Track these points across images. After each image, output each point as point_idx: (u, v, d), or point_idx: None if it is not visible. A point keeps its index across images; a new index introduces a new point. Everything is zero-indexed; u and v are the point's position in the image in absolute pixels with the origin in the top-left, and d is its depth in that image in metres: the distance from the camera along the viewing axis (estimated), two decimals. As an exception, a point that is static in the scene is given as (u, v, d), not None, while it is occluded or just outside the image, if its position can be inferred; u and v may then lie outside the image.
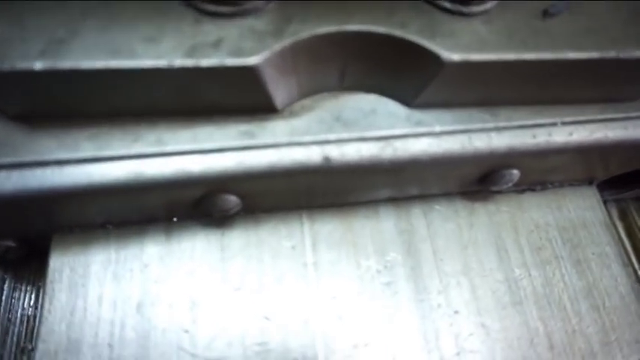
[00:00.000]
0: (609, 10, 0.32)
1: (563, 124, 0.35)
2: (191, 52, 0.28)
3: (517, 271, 0.40)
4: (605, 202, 0.49)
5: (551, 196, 0.43)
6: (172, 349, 0.35)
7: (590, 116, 0.36)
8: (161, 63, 0.28)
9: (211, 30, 0.29)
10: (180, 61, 0.28)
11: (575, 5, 0.32)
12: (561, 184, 0.43)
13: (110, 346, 0.34)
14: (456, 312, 0.38)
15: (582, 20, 0.32)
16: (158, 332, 0.35)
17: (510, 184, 0.39)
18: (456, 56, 0.30)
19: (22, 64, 0.27)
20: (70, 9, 0.29)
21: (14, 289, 0.41)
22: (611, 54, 0.31)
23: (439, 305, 0.38)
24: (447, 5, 0.31)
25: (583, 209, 0.43)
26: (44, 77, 0.28)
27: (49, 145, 0.31)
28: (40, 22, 0.28)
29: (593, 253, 0.41)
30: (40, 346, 0.33)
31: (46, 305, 0.35)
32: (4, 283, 0.41)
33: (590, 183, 0.44)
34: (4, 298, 0.41)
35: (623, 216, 0.49)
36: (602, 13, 0.32)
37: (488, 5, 0.32)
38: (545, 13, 0.32)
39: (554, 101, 0.36)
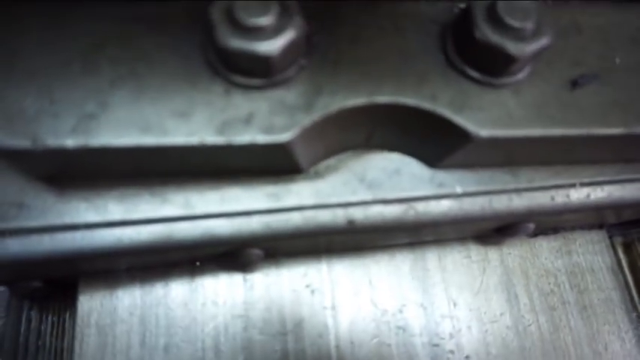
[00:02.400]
0: (638, 83, 0.32)
1: (582, 184, 0.35)
2: (222, 129, 0.28)
3: (526, 317, 0.40)
4: (611, 237, 0.50)
5: (562, 240, 0.43)
6: (198, 393, 0.36)
7: (608, 177, 0.36)
8: (193, 140, 0.28)
9: (242, 103, 0.28)
10: (212, 139, 0.28)
11: (604, 76, 0.32)
12: (573, 228, 0.44)
13: (139, 389, 0.35)
14: (467, 357, 0.39)
15: (610, 93, 0.31)
16: (184, 375, 0.36)
17: (525, 235, 0.39)
18: (484, 132, 0.30)
19: (54, 142, 0.26)
20: (98, 79, 0.28)
21: (41, 322, 0.42)
22: (636, 130, 0.31)
23: (451, 351, 0.39)
24: (477, 76, 0.30)
25: (592, 254, 0.43)
26: (76, 154, 0.27)
27: (79, 207, 0.31)
28: (70, 94, 0.27)
29: (598, 299, 0.42)
30: (73, 390, 0.35)
31: (77, 349, 0.36)
32: (30, 316, 0.42)
33: (600, 227, 0.44)
34: (31, 330, 0.41)
35: (628, 250, 0.50)
36: (630, 86, 0.32)
37: (520, 76, 0.31)
38: (575, 84, 0.32)
39: (575, 162, 0.36)
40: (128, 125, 0.27)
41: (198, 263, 0.39)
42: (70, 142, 0.26)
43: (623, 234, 0.50)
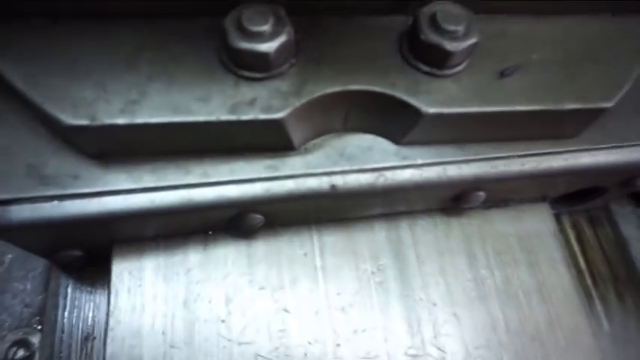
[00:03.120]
0: (552, 72, 0.41)
1: (518, 157, 0.44)
2: (233, 110, 0.36)
3: (483, 272, 0.48)
4: (559, 215, 0.58)
5: (512, 212, 0.51)
6: (213, 335, 0.43)
7: (538, 150, 0.45)
8: (211, 118, 0.36)
9: (247, 91, 0.37)
10: (225, 117, 0.36)
11: (524, 68, 0.41)
12: (521, 202, 0.52)
13: (164, 333, 0.42)
14: (434, 304, 0.46)
15: (529, 80, 0.41)
16: (201, 322, 0.43)
17: (478, 203, 0.48)
18: (432, 110, 0.39)
19: (108, 121, 0.35)
20: (139, 75, 0.37)
21: (78, 290, 0.49)
22: (551, 106, 0.40)
23: (421, 299, 0.46)
24: (425, 69, 0.40)
25: (537, 222, 0.51)
26: (123, 129, 0.36)
27: (120, 177, 0.39)
28: (118, 86, 0.36)
29: (543, 257, 0.50)
30: (110, 333, 0.42)
31: (112, 302, 0.43)
32: (67, 291, 0.49)
33: (543, 200, 0.53)
34: (69, 299, 0.49)
35: (574, 226, 0.58)
36: (546, 74, 0.41)
37: (458, 68, 0.40)
38: (502, 74, 0.41)
39: (511, 139, 0.44)
40: (162, 107, 0.36)
41: (210, 232, 0.47)
42: (120, 120, 0.35)
43: (570, 212, 0.59)
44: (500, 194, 0.49)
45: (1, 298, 0.50)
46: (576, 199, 0.54)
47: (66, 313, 0.48)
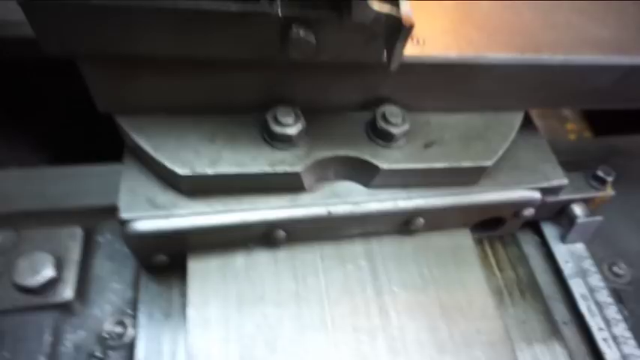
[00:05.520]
0: (455, 144, 0.69)
1: (440, 195, 0.71)
2: (271, 165, 0.63)
3: (424, 270, 0.73)
4: (481, 239, 0.84)
5: (445, 233, 0.77)
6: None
7: (453, 192, 0.71)
8: (258, 170, 0.63)
9: (278, 155, 0.64)
10: (266, 169, 0.63)
11: (439, 141, 0.69)
12: (450, 227, 0.77)
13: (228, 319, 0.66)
14: (394, 291, 0.70)
15: (443, 149, 0.68)
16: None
17: (421, 226, 0.73)
18: (385, 166, 0.65)
19: (200, 171, 0.61)
20: (216, 145, 0.64)
21: (157, 285, 0.72)
22: (455, 164, 0.67)
23: (385, 286, 0.71)
24: (381, 143, 0.67)
25: (461, 239, 0.76)
26: (209, 177, 0.62)
27: (200, 204, 0.64)
28: (204, 151, 0.63)
29: (465, 262, 0.74)
30: (189, 311, 0.65)
31: (189, 295, 0.66)
32: (152, 284, 0.72)
33: (465, 226, 0.78)
34: (155, 293, 0.72)
35: (491, 246, 0.83)
36: (452, 146, 0.69)
37: (400, 143, 0.68)
38: (426, 146, 0.69)
39: (436, 184, 0.71)
40: (231, 163, 0.62)
41: (250, 245, 0.71)
42: (209, 170, 0.61)
43: (489, 237, 0.84)
44: (434, 220, 0.74)
45: (104, 293, 0.73)
46: (487, 226, 0.80)
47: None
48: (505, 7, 0.71)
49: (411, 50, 0.60)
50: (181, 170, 0.60)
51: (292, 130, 0.62)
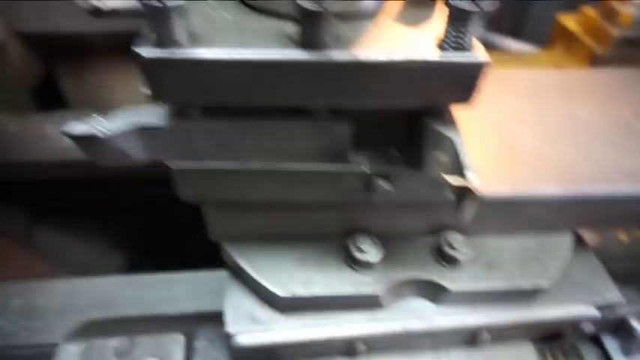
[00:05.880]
0: (513, 266, 0.78)
1: (504, 312, 0.78)
2: (354, 287, 0.74)
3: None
4: (544, 349, 0.89)
5: (512, 345, 0.83)
6: None
7: (510, 308, 0.79)
8: (343, 291, 0.73)
9: (359, 277, 0.74)
10: (351, 292, 0.73)
11: (498, 262, 0.78)
12: (516, 340, 0.83)
13: None
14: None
15: (503, 270, 0.77)
16: None
17: (486, 340, 0.80)
18: (453, 287, 0.75)
19: (296, 292, 0.73)
20: (307, 268, 0.76)
21: None
22: (515, 286, 0.75)
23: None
24: (447, 266, 0.77)
25: (526, 350, 0.82)
26: (302, 298, 0.73)
27: (293, 320, 0.75)
28: (296, 274, 0.75)
29: None
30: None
31: None
32: None
33: (529, 339, 0.84)
34: None
35: (553, 355, 0.88)
36: (510, 267, 0.78)
37: (463, 265, 0.77)
38: (488, 267, 0.78)
39: (501, 300, 0.79)
40: (319, 285, 0.73)
41: (334, 355, 0.80)
42: (303, 292, 0.73)
43: (549, 348, 0.89)
44: (499, 334, 0.81)
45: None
46: (550, 339, 0.86)
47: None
48: (545, 142, 0.83)
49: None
50: (281, 292, 0.72)
51: (373, 258, 0.74)
